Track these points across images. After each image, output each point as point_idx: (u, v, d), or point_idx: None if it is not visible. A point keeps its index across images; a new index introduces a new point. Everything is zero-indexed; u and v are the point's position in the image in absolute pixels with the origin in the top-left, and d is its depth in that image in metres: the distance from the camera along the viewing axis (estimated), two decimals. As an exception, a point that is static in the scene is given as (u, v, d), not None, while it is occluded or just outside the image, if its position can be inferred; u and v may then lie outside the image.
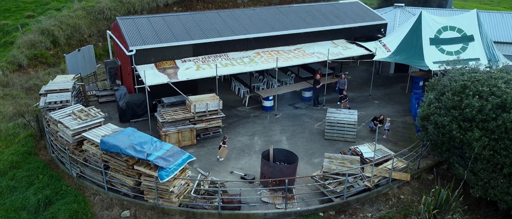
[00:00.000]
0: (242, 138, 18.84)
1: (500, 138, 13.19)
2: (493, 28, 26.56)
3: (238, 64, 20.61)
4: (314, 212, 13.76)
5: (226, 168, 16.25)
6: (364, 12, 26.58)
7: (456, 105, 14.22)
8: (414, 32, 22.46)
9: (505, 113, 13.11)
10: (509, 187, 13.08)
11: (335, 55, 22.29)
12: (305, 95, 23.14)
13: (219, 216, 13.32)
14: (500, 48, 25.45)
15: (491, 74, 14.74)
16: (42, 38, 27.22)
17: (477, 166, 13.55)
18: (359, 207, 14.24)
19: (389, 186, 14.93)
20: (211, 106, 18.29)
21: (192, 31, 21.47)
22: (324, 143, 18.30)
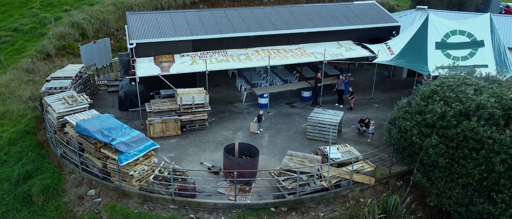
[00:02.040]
0: (227, 132, 19.38)
1: (459, 147, 12.61)
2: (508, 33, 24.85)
3: (234, 61, 21.16)
4: (264, 206, 13.98)
5: (199, 158, 16.90)
6: (378, 14, 25.97)
7: (421, 110, 13.76)
8: (420, 35, 21.66)
9: (466, 121, 12.51)
10: (464, 198, 12.47)
11: (334, 56, 22.10)
12: (304, 94, 23.15)
13: (172, 201, 14.00)
14: None
15: (465, 80, 14.04)
16: (72, 31, 29.55)
17: (435, 174, 13.04)
18: (313, 206, 14.23)
19: (350, 188, 14.74)
20: (197, 100, 19.03)
21: (194, 27, 22.36)
22: (304, 142, 18.34)
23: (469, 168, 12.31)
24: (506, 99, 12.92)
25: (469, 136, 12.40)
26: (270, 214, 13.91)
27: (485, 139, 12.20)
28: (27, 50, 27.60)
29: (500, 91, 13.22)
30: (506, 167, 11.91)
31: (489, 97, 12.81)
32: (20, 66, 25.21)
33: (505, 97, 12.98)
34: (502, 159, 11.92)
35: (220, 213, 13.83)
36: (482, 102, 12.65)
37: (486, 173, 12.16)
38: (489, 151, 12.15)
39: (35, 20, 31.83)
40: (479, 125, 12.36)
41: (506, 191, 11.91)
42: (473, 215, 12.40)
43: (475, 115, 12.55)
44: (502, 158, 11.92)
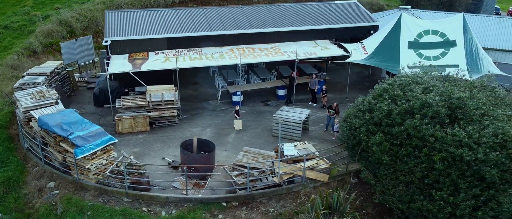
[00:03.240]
0: (196, 128, 19.68)
1: (403, 144, 12.73)
2: (489, 34, 24.71)
3: (207, 59, 21.45)
4: (216, 201, 14.25)
5: (163, 154, 17.23)
6: (357, 14, 26.04)
7: (371, 108, 13.89)
8: (393, 35, 21.72)
9: (410, 119, 12.62)
10: (406, 196, 12.59)
11: (308, 55, 22.26)
12: (279, 93, 23.34)
13: (126, 195, 14.34)
14: (495, 55, 23.68)
15: (416, 79, 14.12)
16: (60, 28, 30.10)
17: (380, 171, 13.17)
18: (265, 201, 14.45)
19: (303, 185, 14.92)
20: (166, 97, 19.36)
21: (170, 25, 22.71)
22: (269, 139, 18.55)
23: (411, 166, 12.42)
24: (453, 98, 12.99)
25: (412, 134, 12.52)
26: (221, 208, 14.17)
27: (428, 137, 12.30)
28: (14, 47, 28.21)
29: (449, 90, 13.27)
30: (446, 165, 12.00)
31: (435, 96, 12.89)
32: (5, 63, 25.81)
33: (453, 96, 13.04)
34: (443, 157, 12.01)
35: (171, 207, 14.14)
36: (428, 100, 12.74)
37: (427, 171, 12.25)
38: (431, 149, 12.25)
39: (26, 18, 32.48)
40: (422, 123, 12.46)
41: (445, 189, 11.99)
42: (414, 212, 12.51)
43: (419, 113, 12.65)
44: (443, 156, 12.00)
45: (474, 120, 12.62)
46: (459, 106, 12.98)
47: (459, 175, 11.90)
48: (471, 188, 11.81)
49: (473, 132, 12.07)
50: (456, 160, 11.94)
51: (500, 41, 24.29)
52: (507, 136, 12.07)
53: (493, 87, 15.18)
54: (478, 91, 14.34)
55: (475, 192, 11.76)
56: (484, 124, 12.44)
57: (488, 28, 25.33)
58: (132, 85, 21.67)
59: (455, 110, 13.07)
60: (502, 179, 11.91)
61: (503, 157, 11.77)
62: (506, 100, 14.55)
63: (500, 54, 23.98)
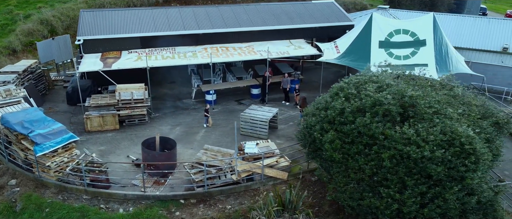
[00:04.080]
0: (165, 127, 19.82)
1: (354, 142, 12.85)
2: (464, 34, 24.86)
3: (179, 58, 21.59)
4: (173, 198, 14.39)
5: (128, 152, 17.36)
6: (333, 13, 26.17)
7: (327, 106, 14.02)
8: (364, 34, 21.85)
9: (360, 117, 12.75)
10: (356, 193, 12.71)
11: (280, 54, 22.41)
12: (253, 92, 23.47)
13: (85, 192, 14.47)
14: (469, 54, 23.84)
15: (372, 78, 14.25)
16: (41, 27, 30.27)
17: (333, 169, 13.30)
18: (223, 199, 14.59)
19: (262, 183, 15.05)
20: (136, 95, 19.49)
21: (144, 24, 22.84)
22: (237, 138, 18.63)
23: (361, 164, 12.54)
24: (406, 97, 13.12)
25: (363, 132, 12.63)
26: (178, 205, 14.30)
27: (378, 135, 12.42)
28: (-6, 46, 28.37)
29: (402, 89, 13.39)
30: (394, 163, 12.12)
31: (387, 94, 13.01)
32: (-16, 62, 25.96)
33: (406, 94, 13.16)
34: (391, 155, 12.13)
35: (129, 204, 14.27)
36: (380, 99, 12.86)
37: (376, 169, 12.38)
38: (381, 147, 12.38)
39: (8, 17, 32.63)
40: (373, 122, 12.58)
41: (393, 186, 12.12)
42: (363, 210, 12.64)
43: (371, 111, 12.78)
44: (391, 154, 12.13)
45: (425, 119, 12.74)
46: (412, 104, 13.11)
47: (406, 172, 12.01)
48: (417, 185, 11.93)
49: (422, 130, 12.19)
50: (404, 158, 12.05)
51: (475, 40, 24.44)
52: (455, 134, 12.20)
53: (452, 86, 15.34)
54: (434, 89, 14.50)
55: (421, 189, 11.88)
56: (435, 122, 12.57)
57: (463, 28, 25.47)
58: (105, 83, 21.79)
59: (408, 108, 13.20)
60: (449, 177, 12.04)
61: (450, 155, 11.90)
62: (464, 99, 14.72)
63: (474, 54, 24.12)
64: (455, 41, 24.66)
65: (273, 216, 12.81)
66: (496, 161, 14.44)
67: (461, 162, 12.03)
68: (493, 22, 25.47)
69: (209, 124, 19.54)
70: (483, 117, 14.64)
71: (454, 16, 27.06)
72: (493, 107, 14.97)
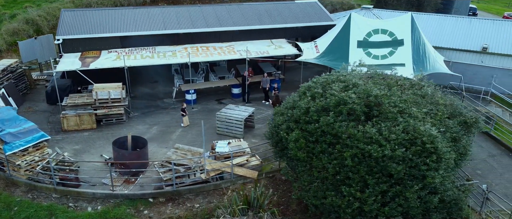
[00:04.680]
0: (143, 126, 19.89)
1: (318, 141, 12.92)
2: (444, 33, 24.93)
3: (159, 57, 21.66)
4: (142, 197, 14.45)
5: (103, 151, 17.42)
6: (316, 13, 26.25)
7: (294, 105, 14.10)
8: (343, 34, 21.93)
9: (324, 116, 12.82)
10: (320, 192, 12.78)
11: (260, 54, 22.48)
12: (234, 91, 23.52)
13: (55, 190, 14.54)
14: (450, 54, 23.92)
15: (339, 77, 14.32)
16: (26, 27, 30.30)
17: (298, 168, 13.37)
18: (192, 197, 14.66)
19: (232, 181, 15.12)
20: (113, 94, 19.55)
21: (125, 24, 22.90)
22: (212, 137, 18.70)
23: (325, 162, 12.61)
24: (371, 96, 13.19)
25: (327, 131, 12.70)
26: (147, 204, 14.37)
27: (341, 134, 12.50)
28: (-21, 46, 28.41)
29: (368, 88, 13.45)
30: (356, 161, 12.19)
31: (351, 94, 13.08)
32: (-33, 61, 25.99)
33: (371, 94, 13.23)
34: (353, 153, 12.20)
35: (98, 203, 14.33)
36: (344, 98, 12.93)
37: (339, 167, 12.45)
38: (344, 146, 12.45)
39: (-5, 17, 32.68)
40: (337, 121, 12.65)
41: (354, 185, 12.19)
42: (326, 208, 12.71)
43: (335, 110, 12.85)
44: (353, 153, 12.20)
45: (389, 118, 12.82)
46: (377, 103, 13.18)
47: (367, 171, 12.08)
48: (378, 184, 12.01)
49: (384, 129, 12.27)
50: (366, 157, 12.13)
51: (455, 40, 24.51)
52: (417, 133, 12.28)
53: (422, 85, 15.41)
54: (403, 89, 14.58)
55: (382, 188, 11.96)
56: (398, 121, 12.64)
57: (445, 27, 25.54)
58: (86, 83, 21.83)
59: (373, 107, 13.27)
60: (411, 176, 12.12)
61: (411, 153, 11.98)
62: (432, 99, 14.79)
63: (455, 54, 24.20)
64: (436, 41, 24.74)
65: (238, 215, 12.88)
66: (463, 160, 14.54)
67: (422, 161, 12.11)
68: (474, 22, 25.55)
69: (184, 124, 19.58)
70: (452, 116, 14.71)
71: (437, 16, 27.14)
72: (461, 107, 15.03)
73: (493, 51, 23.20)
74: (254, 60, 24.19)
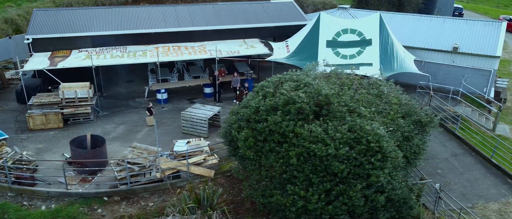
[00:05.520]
0: (110, 125, 19.96)
1: (267, 140, 12.99)
2: (418, 33, 25.00)
3: (128, 57, 21.72)
4: (96, 195, 14.52)
5: (65, 150, 17.46)
6: (291, 13, 26.32)
7: (247, 105, 14.17)
8: (312, 34, 22.02)
9: (272, 115, 12.89)
10: (268, 190, 12.85)
11: (230, 53, 22.55)
12: (206, 91, 23.59)
13: (10, 189, 14.60)
14: (423, 54, 24.01)
15: (292, 77, 14.39)
16: (5, 26, 30.33)
17: (248, 166, 13.44)
18: (147, 196, 14.73)
19: (188, 180, 15.19)
20: (80, 94, 19.62)
21: (97, 24, 22.96)
22: (177, 136, 18.76)
23: (272, 161, 12.69)
24: (321, 96, 13.26)
25: (274, 130, 12.78)
26: (101, 203, 14.44)
27: (288, 133, 12.57)
28: (-44, 45, 28.44)
29: (318, 87, 13.52)
30: (302, 160, 12.26)
31: (301, 93, 13.15)
32: None
33: (321, 93, 13.30)
34: (298, 152, 12.27)
35: (52, 201, 14.40)
36: (293, 97, 13.00)
37: (285, 166, 12.52)
38: (291, 145, 12.52)
39: (-25, 16, 32.71)
40: (285, 120, 12.72)
41: (299, 183, 12.26)
42: (273, 207, 12.78)
43: (283, 109, 12.91)
44: (298, 152, 12.27)
45: (337, 117, 12.90)
46: (327, 102, 13.25)
47: (312, 170, 12.15)
48: (323, 183, 12.08)
49: (330, 128, 12.34)
50: (311, 156, 12.21)
51: (428, 40, 24.56)
52: (363, 132, 12.36)
53: (379, 84, 15.50)
54: (355, 88, 14.66)
55: (326, 187, 12.03)
56: (346, 120, 12.72)
57: (419, 27, 25.61)
58: (57, 82, 21.87)
59: (324, 106, 13.35)
60: (356, 174, 12.20)
61: (355, 152, 12.05)
62: (387, 98, 14.87)
63: (427, 53, 24.25)
64: (410, 41, 24.81)
65: (187, 213, 12.95)
66: (417, 159, 14.62)
67: (367, 160, 12.20)
68: (448, 22, 25.60)
69: (148, 123, 19.63)
70: (406, 115, 14.79)
71: (411, 15, 27.21)
72: (416, 106, 15.10)
73: (463, 51, 23.25)
74: (229, 59, 24.30)
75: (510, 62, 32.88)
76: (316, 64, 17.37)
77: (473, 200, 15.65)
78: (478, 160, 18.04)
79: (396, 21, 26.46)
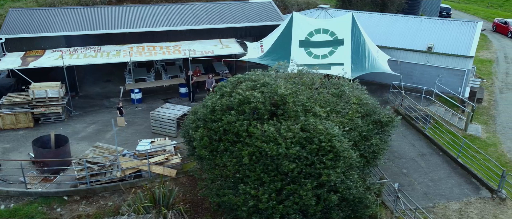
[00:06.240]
0: (81, 125, 20.00)
1: (221, 140, 13.04)
2: (394, 33, 25.04)
3: (102, 56, 21.76)
4: (55, 195, 14.57)
5: (31, 150, 17.48)
6: (268, 13, 26.35)
7: (204, 104, 14.22)
8: (285, 34, 22.08)
9: (226, 115, 12.93)
10: (221, 189, 12.90)
11: (204, 53, 22.60)
12: (181, 90, 23.63)
13: (-33, 189, 14.69)
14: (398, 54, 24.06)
15: (251, 77, 14.42)
16: (-15, 26, 30.33)
17: (204, 166, 13.50)
18: (107, 195, 14.78)
19: (149, 179, 15.23)
20: (51, 93, 19.66)
21: (71, 23, 22.99)
22: (148, 136, 18.79)
23: (225, 160, 12.74)
24: (277, 96, 13.29)
25: (228, 130, 12.82)
26: (61, 202, 14.49)
27: (241, 133, 12.62)
28: None
29: (275, 87, 13.55)
30: (254, 160, 12.31)
31: (257, 92, 13.19)
32: None
33: (278, 93, 13.34)
34: (251, 152, 12.31)
35: (12, 201, 14.44)
36: (248, 97, 13.03)
37: (238, 166, 12.57)
38: (244, 144, 12.56)
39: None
40: (239, 119, 12.76)
41: (251, 183, 12.30)
42: (227, 206, 12.83)
43: (237, 109, 12.96)
44: (251, 151, 12.31)
45: (291, 116, 12.94)
46: (283, 102, 13.30)
47: (263, 169, 12.21)
48: (273, 182, 12.13)
49: (282, 128, 12.38)
50: (263, 155, 12.26)
51: (404, 40, 24.60)
52: (316, 131, 12.40)
53: (341, 84, 15.55)
54: (314, 87, 14.72)
55: (277, 186, 12.08)
56: (299, 119, 12.76)
57: (395, 27, 25.64)
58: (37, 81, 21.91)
59: (280, 106, 13.39)
60: (307, 174, 12.24)
61: (307, 152, 12.10)
62: (347, 98, 14.92)
63: (403, 53, 24.29)
64: (386, 41, 24.84)
65: (142, 212, 12.99)
66: (378, 159, 14.66)
67: (319, 159, 12.25)
68: (425, 21, 25.65)
69: (118, 124, 19.64)
70: (366, 115, 14.82)
71: (389, 15, 27.25)
72: (376, 106, 15.11)
73: (438, 51, 23.29)
74: (206, 59, 24.39)
75: (492, 62, 32.90)
76: (284, 63, 17.43)
77: (435, 199, 15.71)
78: (445, 160, 18.08)
79: (374, 21, 26.52)
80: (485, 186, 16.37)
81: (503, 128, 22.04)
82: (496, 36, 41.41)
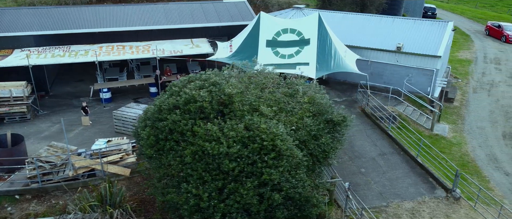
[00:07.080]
0: (45, 124, 20.04)
1: (167, 139, 13.08)
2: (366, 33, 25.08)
3: (70, 56, 21.80)
4: (6, 194, 14.61)
5: (-7, 149, 17.56)
6: (241, 13, 26.40)
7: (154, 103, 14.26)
8: (253, 34, 22.14)
9: (171, 114, 12.98)
10: (166, 188, 12.95)
11: (173, 52, 22.66)
12: (151, 90, 23.68)
13: None
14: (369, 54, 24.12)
15: (201, 77, 14.47)
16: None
17: (151, 165, 13.54)
18: (60, 195, 14.82)
19: (103, 179, 15.25)
20: (15, 93, 19.70)
21: (42, 23, 23.03)
22: (111, 135, 18.78)
23: (170, 159, 12.78)
24: (224, 95, 13.34)
25: (173, 129, 12.87)
26: (13, 201, 14.53)
27: (186, 132, 12.66)
28: None
29: (223, 86, 13.59)
30: (197, 159, 12.35)
31: (204, 92, 13.23)
32: None
33: (225, 93, 13.38)
34: (193, 151, 12.36)
35: (-38, 200, 14.50)
36: (194, 96, 13.08)
37: (181, 165, 12.61)
38: (188, 144, 12.61)
39: None
40: (184, 118, 12.81)
41: (193, 182, 12.34)
42: (171, 205, 12.88)
43: (183, 108, 13.00)
44: (193, 150, 12.36)
45: (237, 115, 12.99)
46: (231, 101, 13.34)
47: (204, 168, 12.25)
48: (215, 181, 12.17)
49: (226, 127, 12.43)
50: (205, 154, 12.30)
51: (375, 40, 24.63)
52: (259, 130, 12.44)
53: (295, 84, 15.59)
54: (264, 86, 14.77)
55: (217, 185, 12.12)
56: (244, 119, 12.81)
57: (367, 27, 25.68)
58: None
59: (228, 105, 13.43)
60: (249, 173, 12.28)
61: (249, 151, 12.14)
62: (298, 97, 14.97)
63: (374, 53, 24.34)
64: (357, 40, 24.88)
65: (88, 211, 13.03)
66: (330, 158, 14.70)
67: (261, 158, 12.29)
68: (397, 21, 25.70)
69: (83, 123, 19.70)
70: (319, 114, 14.85)
71: (363, 15, 27.27)
72: (331, 105, 15.15)
73: (407, 51, 23.35)
74: (181, 59, 24.44)
75: (471, 62, 32.95)
76: (246, 63, 17.50)
77: (389, 199, 15.76)
78: (404, 159, 18.13)
79: (347, 21, 26.56)
80: (441, 185, 16.42)
81: (471, 128, 22.10)
82: (479, 36, 41.38)
